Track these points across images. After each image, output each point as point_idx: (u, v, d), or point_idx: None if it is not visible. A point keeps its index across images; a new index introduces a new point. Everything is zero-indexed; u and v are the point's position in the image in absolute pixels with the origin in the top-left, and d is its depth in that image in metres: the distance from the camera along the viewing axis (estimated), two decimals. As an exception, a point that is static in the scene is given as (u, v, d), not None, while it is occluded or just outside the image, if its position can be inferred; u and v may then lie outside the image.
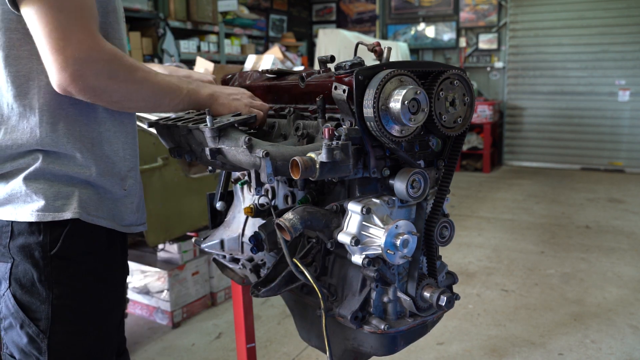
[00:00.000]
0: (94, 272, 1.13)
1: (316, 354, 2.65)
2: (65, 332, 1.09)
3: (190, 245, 3.06)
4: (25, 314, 1.07)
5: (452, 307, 1.16)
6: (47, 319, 1.07)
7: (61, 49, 0.95)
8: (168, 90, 1.14)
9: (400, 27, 8.73)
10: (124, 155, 1.18)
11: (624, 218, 5.05)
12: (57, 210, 1.06)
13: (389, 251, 1.04)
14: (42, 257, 1.06)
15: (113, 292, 1.19)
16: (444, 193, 1.20)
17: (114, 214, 1.16)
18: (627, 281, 3.54)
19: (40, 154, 1.06)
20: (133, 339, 2.86)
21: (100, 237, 1.13)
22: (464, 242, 4.36)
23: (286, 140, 1.27)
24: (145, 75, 1.08)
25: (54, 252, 1.07)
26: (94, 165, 1.11)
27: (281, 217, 1.08)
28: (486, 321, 3.01)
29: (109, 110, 1.14)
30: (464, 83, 1.14)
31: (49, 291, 1.07)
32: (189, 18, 5.61)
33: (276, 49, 4.76)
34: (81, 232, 1.09)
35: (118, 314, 1.23)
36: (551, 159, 7.88)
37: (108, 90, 1.03)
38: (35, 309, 1.07)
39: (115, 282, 1.19)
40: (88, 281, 1.12)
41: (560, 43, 7.63)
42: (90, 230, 1.11)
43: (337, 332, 1.24)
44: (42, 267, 1.06)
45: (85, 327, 1.12)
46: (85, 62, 0.97)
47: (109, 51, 1.01)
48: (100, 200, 1.13)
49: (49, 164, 1.06)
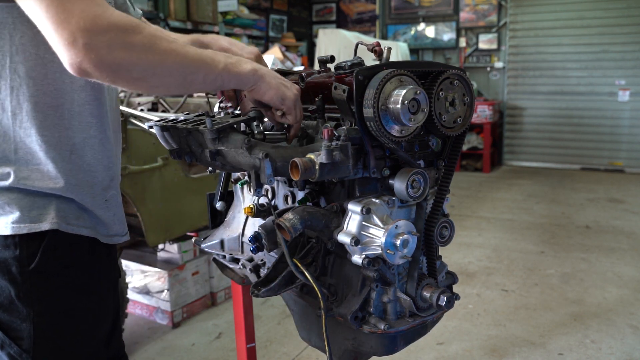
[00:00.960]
0: (77, 285, 1.05)
1: (316, 354, 2.65)
2: (49, 350, 1.02)
3: (190, 245, 3.06)
4: (5, 333, 0.99)
5: (452, 307, 1.16)
6: (30, 338, 0.99)
7: (64, 21, 0.81)
8: (201, 64, 0.96)
9: (400, 27, 8.73)
10: (107, 164, 1.09)
11: (624, 218, 5.05)
12: (33, 221, 0.98)
13: (388, 251, 1.04)
14: (19, 273, 0.98)
15: (99, 303, 1.10)
16: (444, 193, 1.20)
17: (96, 223, 1.07)
18: (627, 281, 3.54)
19: (12, 166, 0.97)
20: (133, 339, 2.86)
21: (82, 247, 1.05)
22: (464, 242, 4.36)
23: None
24: (171, 46, 0.91)
25: (32, 267, 0.98)
26: (72, 176, 1.02)
27: (281, 217, 1.08)
28: (486, 321, 3.01)
29: (96, 114, 1.04)
30: (463, 83, 1.14)
31: (30, 308, 0.99)
32: (189, 18, 5.61)
33: (276, 49, 4.76)
34: (61, 244, 1.01)
35: (107, 325, 1.14)
36: (551, 159, 7.88)
37: (125, 65, 0.86)
38: (16, 328, 0.99)
39: (101, 292, 1.11)
40: (71, 295, 1.04)
41: (560, 43, 7.63)
42: (71, 241, 1.02)
43: (337, 332, 1.24)
44: (20, 283, 0.98)
45: (71, 343, 1.05)
46: (93, 32, 0.82)
47: (120, 19, 0.85)
48: (81, 209, 1.04)
49: (20, 180, 0.97)
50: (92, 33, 0.82)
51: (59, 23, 0.81)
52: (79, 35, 0.81)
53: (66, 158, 1.01)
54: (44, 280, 1.00)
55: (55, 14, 0.81)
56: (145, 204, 2.45)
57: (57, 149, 1.00)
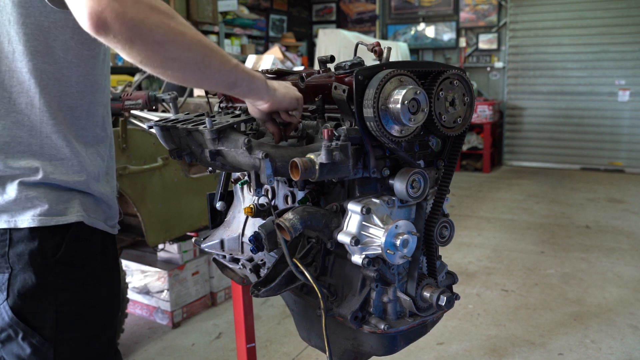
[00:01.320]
0: (96, 275, 1.10)
1: (316, 354, 2.65)
2: (71, 339, 1.06)
3: (190, 245, 3.06)
4: (27, 324, 1.02)
5: (452, 307, 1.16)
6: (53, 327, 1.03)
7: None
8: (218, 50, 0.95)
9: (400, 27, 8.73)
10: (110, 156, 1.17)
11: (623, 218, 5.05)
12: (60, 214, 1.03)
13: (388, 251, 1.04)
14: (45, 264, 1.02)
15: (114, 292, 1.17)
16: (444, 193, 1.20)
17: (106, 215, 1.13)
18: (627, 281, 3.54)
19: (39, 161, 1.02)
20: (133, 339, 2.86)
21: (97, 241, 1.11)
22: (464, 242, 4.36)
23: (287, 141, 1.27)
24: (188, 24, 0.91)
25: (57, 258, 1.03)
26: (93, 169, 1.09)
27: (281, 217, 1.08)
28: (486, 321, 3.01)
29: (101, 113, 1.12)
30: (463, 83, 1.14)
31: (54, 298, 1.03)
32: (189, 18, 5.61)
33: (276, 49, 4.76)
34: (83, 235, 1.07)
35: (118, 316, 1.21)
36: (551, 159, 7.88)
37: (148, 23, 0.83)
38: (39, 317, 1.03)
39: (114, 285, 1.17)
40: (91, 285, 1.09)
41: (560, 43, 7.63)
42: (90, 232, 1.08)
43: (337, 332, 1.24)
44: (45, 273, 1.02)
45: (91, 331, 1.10)
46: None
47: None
48: (96, 202, 1.10)
49: (48, 174, 1.02)
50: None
51: None
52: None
53: (87, 152, 1.08)
54: (68, 271, 1.04)
55: None
56: (145, 204, 2.45)
57: (79, 144, 1.07)
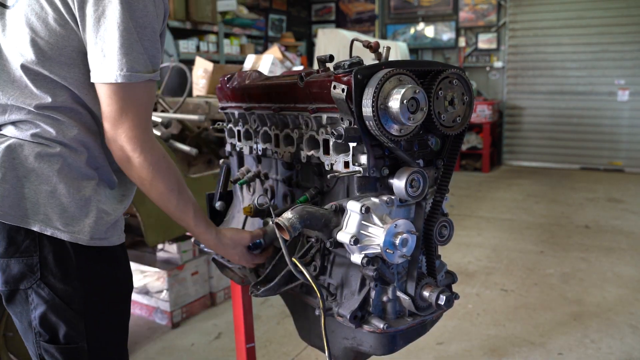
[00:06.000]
0: (116, 257, 1.23)
1: (316, 354, 2.65)
2: (100, 310, 1.18)
3: (189, 245, 3.06)
4: (61, 299, 1.13)
5: (452, 306, 1.16)
6: (81, 302, 1.15)
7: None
8: (189, 210, 1.33)
9: (399, 27, 8.73)
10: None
11: (623, 218, 5.05)
12: (107, 238, 1.19)
13: (388, 250, 1.04)
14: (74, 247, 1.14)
15: (129, 274, 1.30)
16: (443, 192, 1.20)
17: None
18: (626, 281, 3.54)
19: (94, 180, 1.19)
20: (132, 339, 2.86)
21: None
22: (464, 242, 4.36)
23: None
24: (190, 198, 1.33)
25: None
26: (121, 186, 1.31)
27: (280, 216, 1.08)
28: (485, 321, 3.01)
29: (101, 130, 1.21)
30: (463, 82, 1.14)
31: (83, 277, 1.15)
32: (188, 18, 5.61)
33: (275, 49, 4.75)
34: None
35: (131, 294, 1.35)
36: (551, 158, 7.88)
37: (163, 170, 1.20)
38: (70, 294, 1.14)
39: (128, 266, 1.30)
40: (114, 266, 1.22)
41: (559, 43, 7.62)
42: None
43: (336, 332, 1.24)
44: (75, 256, 1.14)
45: (117, 303, 1.23)
46: (154, 147, 1.16)
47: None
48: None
49: (99, 189, 1.20)
50: (154, 146, 1.16)
51: None
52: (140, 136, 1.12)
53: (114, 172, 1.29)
54: (96, 253, 1.17)
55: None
56: (145, 204, 2.44)
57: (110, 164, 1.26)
